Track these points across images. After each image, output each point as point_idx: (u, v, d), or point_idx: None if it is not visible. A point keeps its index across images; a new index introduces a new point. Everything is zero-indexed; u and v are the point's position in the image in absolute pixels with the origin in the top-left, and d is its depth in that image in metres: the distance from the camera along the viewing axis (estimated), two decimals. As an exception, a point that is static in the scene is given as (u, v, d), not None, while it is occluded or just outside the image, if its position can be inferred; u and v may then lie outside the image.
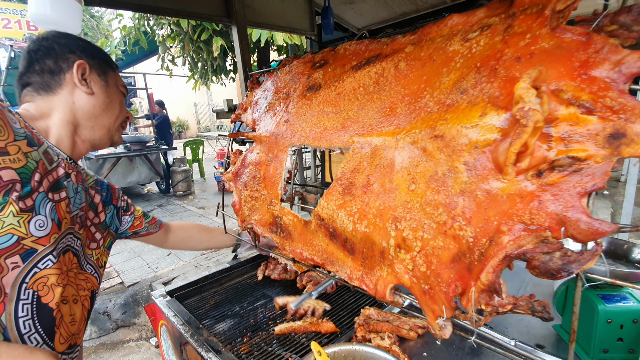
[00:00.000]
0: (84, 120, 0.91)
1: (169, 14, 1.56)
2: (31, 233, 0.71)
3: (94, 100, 0.92)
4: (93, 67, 0.92)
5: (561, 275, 0.52)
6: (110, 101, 0.95)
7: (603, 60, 0.54)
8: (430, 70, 0.77)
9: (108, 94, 0.94)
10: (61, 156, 0.85)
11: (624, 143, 0.49)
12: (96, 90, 0.92)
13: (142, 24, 4.40)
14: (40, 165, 0.75)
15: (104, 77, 0.94)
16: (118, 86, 0.99)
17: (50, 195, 0.77)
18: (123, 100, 1.01)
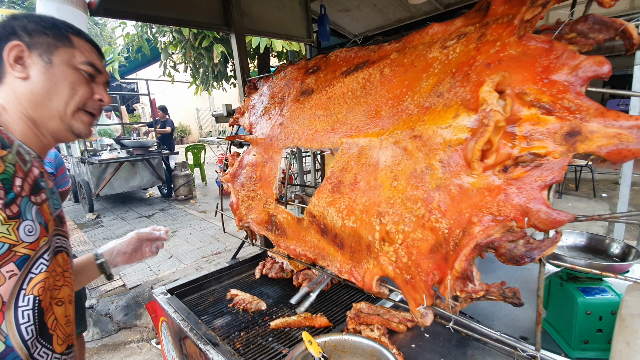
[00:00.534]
0: (31, 111, 0.78)
1: (170, 23, 1.63)
2: (22, 239, 0.68)
3: (30, 85, 0.77)
4: (35, 46, 0.78)
5: (525, 260, 0.57)
6: (55, 84, 0.79)
7: (562, 65, 0.59)
8: (411, 75, 0.83)
9: (50, 75, 0.78)
10: (32, 155, 0.77)
11: (579, 140, 0.54)
12: (33, 73, 0.77)
13: (145, 32, 4.50)
14: (18, 167, 0.69)
15: (47, 56, 0.78)
16: (73, 65, 0.81)
17: (33, 198, 0.73)
18: (83, 81, 0.83)
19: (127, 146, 6.53)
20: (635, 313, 0.66)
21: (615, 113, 0.52)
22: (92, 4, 1.31)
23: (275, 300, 1.44)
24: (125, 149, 6.63)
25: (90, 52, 0.85)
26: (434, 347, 1.03)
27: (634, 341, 0.65)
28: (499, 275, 1.46)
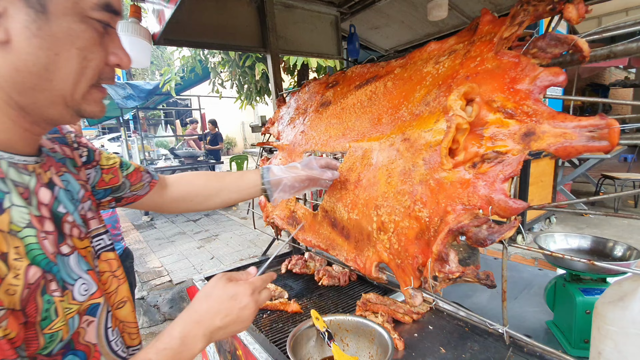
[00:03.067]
0: (16, 96, 0.50)
1: (217, 48, 1.90)
2: (81, 301, 0.57)
3: (14, 57, 0.47)
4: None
5: (487, 242, 0.66)
6: (55, 53, 0.48)
7: (525, 76, 0.69)
8: (408, 87, 0.96)
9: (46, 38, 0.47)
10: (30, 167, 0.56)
11: (533, 139, 0.64)
12: (16, 31, 0.46)
13: (198, 54, 5.05)
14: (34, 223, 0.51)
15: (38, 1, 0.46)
16: (81, 12, 0.49)
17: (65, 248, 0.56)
18: (97, 39, 0.52)
19: (179, 156, 7.18)
20: (607, 301, 0.71)
21: (563, 115, 0.61)
22: (155, 35, 1.61)
23: (297, 291, 1.59)
24: (177, 159, 7.29)
25: None
26: (435, 338, 1.11)
27: (603, 326, 0.70)
28: (512, 281, 1.48)
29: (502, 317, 0.74)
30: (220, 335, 0.66)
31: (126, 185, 0.86)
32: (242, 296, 0.67)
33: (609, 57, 0.68)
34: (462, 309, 0.99)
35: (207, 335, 0.63)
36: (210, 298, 0.67)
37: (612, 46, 0.67)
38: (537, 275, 1.53)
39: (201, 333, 0.63)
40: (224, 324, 0.65)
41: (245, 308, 0.67)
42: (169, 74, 5.65)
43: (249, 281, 0.71)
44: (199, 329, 0.63)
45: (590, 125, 0.57)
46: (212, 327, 0.64)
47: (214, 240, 5.45)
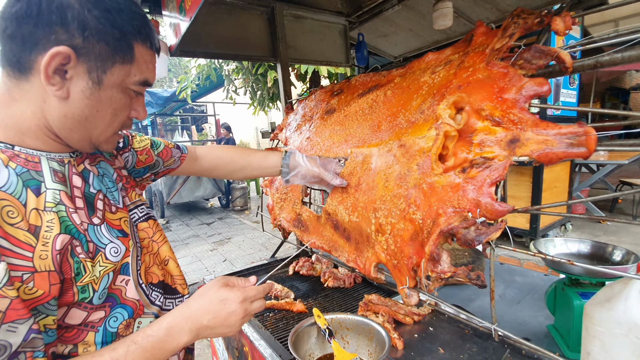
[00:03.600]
0: (57, 130, 0.64)
1: (230, 58, 1.99)
2: (114, 261, 0.69)
3: (66, 109, 0.62)
4: (86, 56, 0.59)
5: (474, 243, 0.69)
6: (97, 110, 0.64)
7: (512, 86, 0.72)
8: (406, 96, 1.00)
9: (94, 100, 0.62)
10: (65, 159, 0.69)
11: (518, 146, 0.67)
12: (75, 93, 0.61)
13: (213, 62, 5.23)
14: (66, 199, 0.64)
15: (97, 75, 0.61)
16: (125, 85, 0.65)
17: (95, 219, 0.69)
18: (128, 102, 0.68)
19: (194, 161, 7.36)
20: (595, 303, 0.73)
21: (545, 123, 0.65)
22: (172, 47, 1.71)
23: (303, 292, 1.63)
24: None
25: (148, 64, 0.68)
26: (435, 339, 1.13)
27: (591, 327, 0.72)
28: (517, 286, 1.49)
29: (491, 316, 0.77)
30: (206, 334, 0.70)
31: (159, 162, 1.03)
32: (232, 302, 0.70)
33: (595, 67, 0.71)
34: (463, 312, 1.02)
35: (193, 331, 0.68)
36: (203, 297, 0.71)
37: (598, 56, 0.70)
38: (542, 280, 1.53)
39: (187, 328, 0.67)
40: (211, 325, 0.69)
41: (233, 314, 0.70)
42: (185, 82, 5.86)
43: (242, 289, 0.74)
44: (186, 324, 0.67)
45: (569, 132, 0.60)
46: (199, 325, 0.68)
47: (226, 243, 5.56)
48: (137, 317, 0.73)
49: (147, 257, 0.82)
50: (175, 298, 0.85)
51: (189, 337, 0.67)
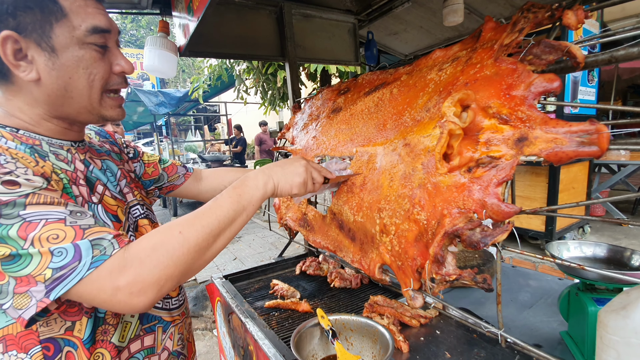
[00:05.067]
0: (55, 112, 0.71)
1: (238, 58, 2.00)
2: None
3: (45, 89, 0.66)
4: (26, 30, 0.62)
5: (480, 245, 0.67)
6: (69, 77, 0.66)
7: (520, 82, 0.70)
8: (412, 94, 0.98)
9: (60, 68, 0.65)
10: (65, 147, 0.75)
11: (526, 145, 0.65)
12: (42, 71, 0.65)
13: (224, 62, 5.28)
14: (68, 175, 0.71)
15: (46, 42, 0.63)
16: (78, 40, 0.66)
17: (94, 198, 0.75)
18: (96, 56, 0.68)
19: (206, 160, 7.46)
20: (610, 310, 0.69)
21: (555, 121, 0.62)
22: (181, 47, 1.73)
23: (309, 292, 1.63)
24: (205, 162, 7.58)
25: (86, 9, 0.66)
26: (441, 343, 1.11)
27: (605, 335, 0.68)
28: (529, 290, 1.44)
29: (498, 321, 0.74)
30: (277, 177, 0.83)
31: (164, 176, 1.12)
32: (297, 159, 0.90)
33: (610, 62, 0.68)
34: (470, 316, 0.99)
35: (265, 173, 0.82)
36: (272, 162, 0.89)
37: (613, 50, 0.66)
38: (556, 284, 1.48)
39: (261, 172, 0.82)
40: (280, 169, 0.84)
41: (298, 163, 0.88)
42: (197, 82, 5.94)
43: None
44: (259, 171, 0.83)
45: (580, 130, 0.57)
46: (270, 169, 0.83)
47: (237, 242, 5.61)
48: None
49: None
50: (164, 297, 0.88)
51: (264, 177, 0.81)
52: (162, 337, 0.90)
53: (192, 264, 0.65)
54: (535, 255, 0.67)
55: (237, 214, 0.73)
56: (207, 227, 0.67)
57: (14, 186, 0.57)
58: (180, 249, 0.62)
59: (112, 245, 0.59)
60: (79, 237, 0.57)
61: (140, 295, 0.58)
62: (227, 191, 0.75)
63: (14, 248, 0.54)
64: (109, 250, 0.58)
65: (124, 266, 0.58)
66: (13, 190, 0.56)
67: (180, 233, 0.64)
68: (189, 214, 0.69)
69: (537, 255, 0.66)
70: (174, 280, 0.63)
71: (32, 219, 0.56)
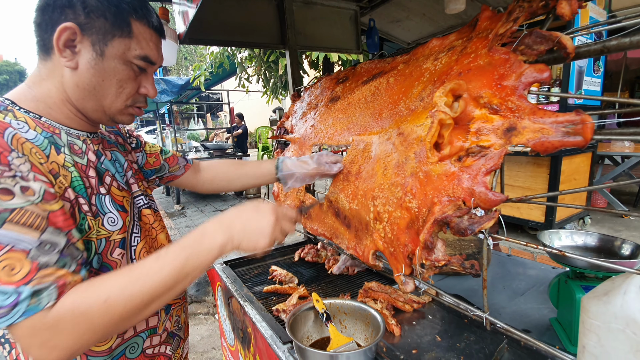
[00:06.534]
0: (74, 101, 0.75)
1: (238, 45, 2.00)
2: (111, 230, 0.76)
3: (77, 78, 0.72)
4: (90, 31, 0.70)
5: (467, 232, 0.69)
6: (102, 80, 0.73)
7: (512, 73, 0.70)
8: (408, 83, 0.99)
9: (98, 70, 0.72)
10: (81, 137, 0.79)
11: (514, 134, 0.66)
12: (82, 64, 0.71)
13: (226, 50, 5.24)
14: (78, 167, 0.74)
15: (100, 47, 0.71)
16: (126, 59, 0.74)
17: (102, 189, 0.78)
18: (132, 76, 0.77)
19: (209, 148, 7.49)
20: (592, 296, 0.72)
21: (542, 111, 0.63)
22: (180, 35, 1.73)
23: (307, 278, 1.67)
24: (207, 151, 7.61)
25: (148, 42, 0.77)
26: (433, 327, 1.14)
27: (587, 320, 0.71)
28: (522, 278, 1.47)
29: (483, 304, 0.77)
30: (239, 238, 0.73)
31: (165, 167, 1.14)
32: (265, 211, 0.77)
33: (602, 52, 0.68)
34: (462, 302, 1.01)
35: (226, 232, 0.72)
36: (237, 209, 0.78)
37: (605, 40, 0.67)
38: (550, 272, 1.51)
39: (221, 229, 0.72)
40: (243, 227, 0.73)
41: (265, 220, 0.75)
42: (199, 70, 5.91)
43: (277, 205, 0.80)
44: (220, 226, 0.73)
45: (566, 120, 0.59)
46: (232, 226, 0.73)
47: (239, 230, 5.67)
48: None
49: (148, 240, 0.90)
50: None
51: (223, 238, 0.71)
52: (164, 319, 0.94)
53: (112, 331, 0.63)
54: (519, 242, 0.68)
55: (176, 282, 0.66)
56: (137, 297, 0.62)
57: (7, 196, 0.57)
58: (102, 319, 0.60)
59: (49, 295, 0.57)
60: (28, 278, 0.56)
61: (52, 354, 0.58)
62: (175, 250, 0.68)
63: None
64: (43, 301, 0.57)
65: (44, 325, 0.57)
66: (4, 201, 0.57)
67: (105, 302, 0.60)
68: (124, 270, 0.65)
69: (521, 242, 0.68)
70: (90, 344, 0.62)
71: (1, 241, 0.56)
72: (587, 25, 0.67)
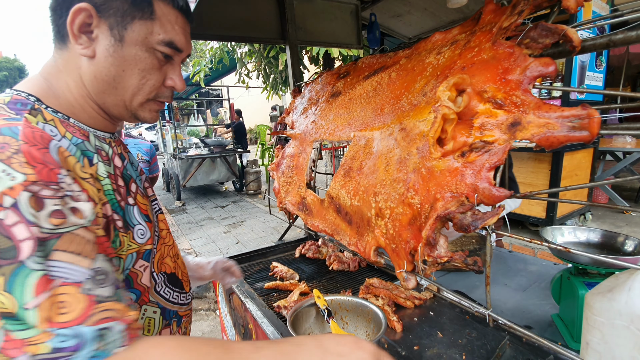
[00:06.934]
0: (94, 95, 0.67)
1: (237, 40, 1.98)
2: (140, 243, 0.71)
3: (94, 68, 0.64)
4: (107, 12, 0.62)
5: (471, 228, 0.68)
6: (122, 70, 0.65)
7: (516, 67, 0.69)
8: (410, 78, 0.97)
9: (118, 58, 0.64)
10: (107, 139, 0.73)
11: (519, 129, 0.65)
12: (100, 52, 0.63)
13: (225, 45, 5.21)
14: (111, 178, 0.68)
15: (119, 31, 0.63)
16: (149, 44, 0.65)
17: (130, 200, 0.73)
18: (157, 65, 0.68)
19: (209, 144, 7.47)
20: (596, 292, 0.71)
21: (548, 106, 0.62)
22: (180, 29, 1.71)
23: (308, 274, 1.66)
24: (207, 147, 7.59)
25: (173, 25, 0.67)
26: (434, 323, 1.14)
27: (591, 317, 0.70)
28: (524, 274, 1.46)
29: (486, 301, 0.76)
30: None
31: None
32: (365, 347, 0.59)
33: (608, 45, 0.67)
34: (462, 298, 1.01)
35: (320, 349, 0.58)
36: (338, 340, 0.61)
37: (611, 34, 0.66)
38: (552, 269, 1.50)
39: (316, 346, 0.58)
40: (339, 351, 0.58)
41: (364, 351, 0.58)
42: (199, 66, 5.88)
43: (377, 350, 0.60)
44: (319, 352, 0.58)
45: (572, 115, 0.58)
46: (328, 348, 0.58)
47: (239, 226, 5.68)
48: (143, 303, 0.74)
49: (163, 247, 0.83)
50: (180, 293, 0.85)
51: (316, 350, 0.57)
52: (174, 331, 0.90)
53: None
54: (523, 238, 0.68)
55: None
56: None
57: (60, 219, 0.51)
58: None
59: (119, 339, 0.50)
60: (85, 315, 0.49)
61: None
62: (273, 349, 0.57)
63: (17, 304, 0.46)
64: (112, 347, 0.49)
65: None
66: (57, 225, 0.50)
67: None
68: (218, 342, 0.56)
69: (525, 239, 0.67)
70: None
71: (52, 273, 0.48)
72: (592, 19, 0.66)
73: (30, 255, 0.47)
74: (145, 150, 2.28)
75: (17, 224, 0.47)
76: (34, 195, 0.49)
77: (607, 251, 1.03)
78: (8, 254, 0.46)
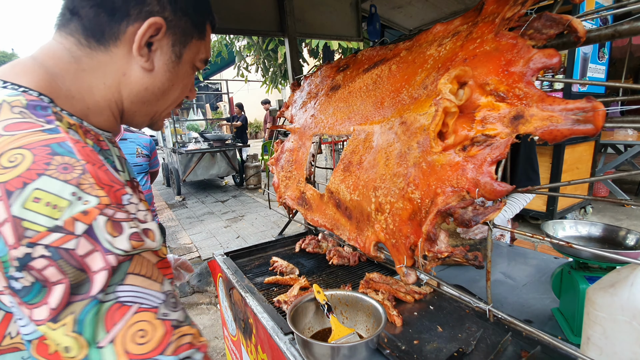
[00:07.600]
0: (127, 102, 0.63)
1: (235, 33, 1.95)
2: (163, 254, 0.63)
3: (148, 81, 0.62)
4: (172, 29, 0.61)
5: (472, 223, 0.67)
6: (172, 84, 0.65)
7: (519, 58, 0.68)
8: (411, 70, 0.96)
9: (173, 74, 0.64)
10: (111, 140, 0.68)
11: (522, 123, 0.63)
12: (159, 66, 0.62)
13: (224, 38, 5.16)
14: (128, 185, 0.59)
15: (178, 49, 0.63)
16: (194, 62, 0.68)
17: None
18: (191, 79, 0.70)
19: (209, 139, 7.44)
20: (598, 287, 0.71)
21: (551, 99, 0.61)
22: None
23: (308, 269, 1.66)
24: (207, 142, 7.56)
25: (209, 43, 0.71)
26: (434, 317, 1.14)
27: (592, 312, 0.70)
28: (525, 268, 1.46)
29: (487, 296, 0.76)
30: None
31: None
32: None
33: (613, 36, 0.65)
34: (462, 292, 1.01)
35: None
36: None
37: (617, 24, 0.64)
38: (552, 263, 1.50)
39: None
40: None
41: None
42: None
43: None
44: None
45: (576, 108, 0.56)
46: None
47: (240, 221, 5.69)
48: None
49: None
50: None
51: None
52: None
53: None
54: (525, 233, 0.67)
55: None
56: None
57: (139, 242, 0.47)
58: None
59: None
60: (165, 343, 0.46)
61: None
62: None
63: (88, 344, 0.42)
64: None
65: None
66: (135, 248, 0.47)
67: None
68: None
69: (526, 233, 0.66)
70: None
71: (126, 300, 0.44)
72: (596, 9, 0.64)
73: (103, 288, 0.43)
74: (145, 145, 2.27)
75: (91, 253, 0.42)
76: (109, 219, 0.44)
77: (608, 245, 1.02)
78: (81, 289, 0.42)
